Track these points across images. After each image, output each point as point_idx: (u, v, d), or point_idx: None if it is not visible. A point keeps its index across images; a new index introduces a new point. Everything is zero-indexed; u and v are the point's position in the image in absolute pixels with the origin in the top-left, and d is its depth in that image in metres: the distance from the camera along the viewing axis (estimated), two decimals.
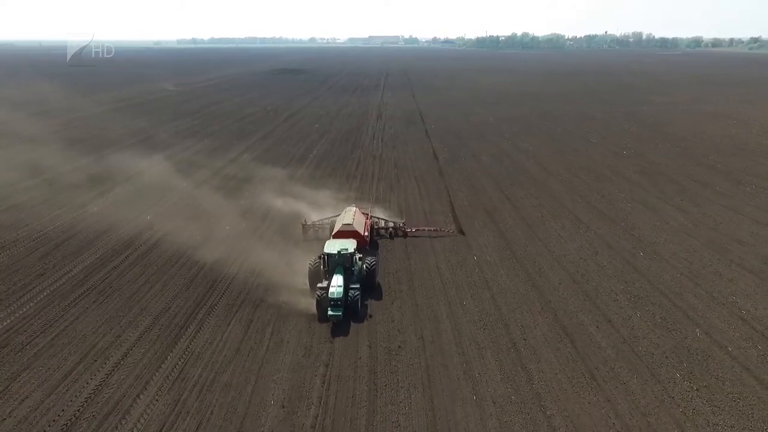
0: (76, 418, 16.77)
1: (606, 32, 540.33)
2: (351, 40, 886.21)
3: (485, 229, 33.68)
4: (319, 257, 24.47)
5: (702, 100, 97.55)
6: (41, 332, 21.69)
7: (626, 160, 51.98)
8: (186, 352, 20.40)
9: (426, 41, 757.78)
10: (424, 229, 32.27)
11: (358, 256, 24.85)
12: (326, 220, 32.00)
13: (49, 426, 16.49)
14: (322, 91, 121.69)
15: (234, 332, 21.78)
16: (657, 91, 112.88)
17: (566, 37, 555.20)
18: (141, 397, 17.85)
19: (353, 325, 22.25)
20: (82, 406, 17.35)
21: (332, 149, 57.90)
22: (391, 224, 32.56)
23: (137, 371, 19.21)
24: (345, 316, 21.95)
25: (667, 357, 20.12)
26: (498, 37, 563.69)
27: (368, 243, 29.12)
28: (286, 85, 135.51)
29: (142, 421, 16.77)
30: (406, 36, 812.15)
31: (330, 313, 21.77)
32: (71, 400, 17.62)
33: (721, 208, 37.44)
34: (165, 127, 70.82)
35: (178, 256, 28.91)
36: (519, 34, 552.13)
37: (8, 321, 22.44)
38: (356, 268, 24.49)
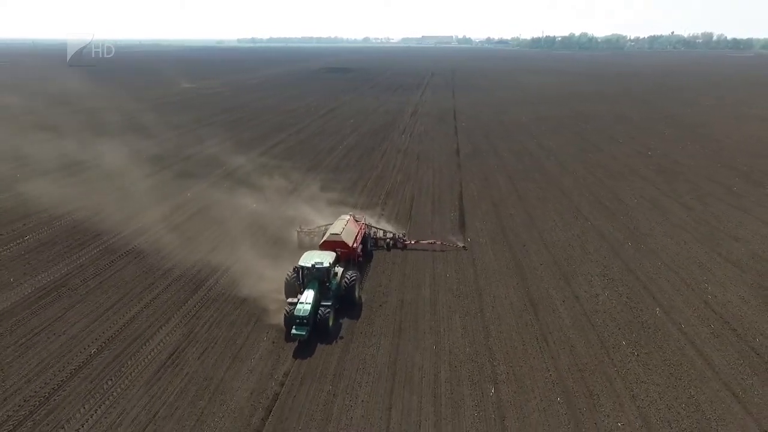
0: (111, 340, 21.06)
1: (672, 33, 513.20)
2: (404, 40, 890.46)
3: (486, 217, 36.06)
4: (295, 269, 22.90)
5: (752, 103, 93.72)
6: (93, 277, 26.48)
7: (647, 160, 52.32)
8: (204, 299, 24.45)
9: (479, 41, 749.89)
10: (424, 242, 30.32)
11: (336, 270, 23.29)
12: (321, 228, 30.29)
13: (92, 343, 20.82)
14: (364, 89, 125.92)
15: None
16: (708, 93, 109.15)
17: (628, 38, 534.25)
18: (162, 328, 21.96)
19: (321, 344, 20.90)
20: (117, 332, 21.65)
21: (361, 142, 61.51)
22: (390, 235, 30.83)
23: (162, 310, 23.42)
24: (314, 335, 20.75)
25: (619, 329, 22.12)
26: (555, 37, 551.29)
27: (358, 254, 27.21)
28: (332, 83, 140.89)
29: (160, 345, 20.83)
30: (460, 36, 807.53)
31: (293, 332, 20.28)
32: (109, 327, 21.99)
33: (729, 207, 37.87)
34: (212, 119, 77.12)
35: (209, 221, 33.43)
36: (577, 34, 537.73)
37: (68, 268, 27.42)
38: (333, 283, 22.71)
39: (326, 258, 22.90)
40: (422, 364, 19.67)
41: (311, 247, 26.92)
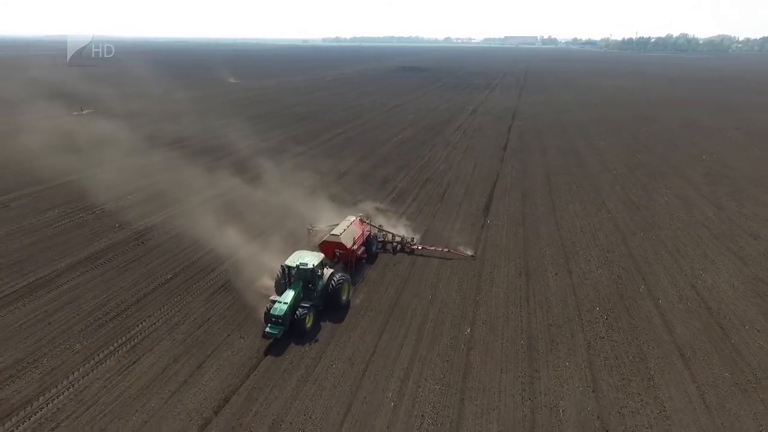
0: (182, 270, 27.22)
1: None
2: (486, 40, 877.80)
3: (511, 203, 39.11)
4: (282, 268, 22.76)
5: None
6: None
7: (699, 163, 51.91)
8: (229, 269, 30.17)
9: (565, 42, 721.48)
10: (432, 248, 29.54)
11: (323, 271, 23.07)
12: (329, 227, 29.02)
13: (169, 271, 27.11)
14: (433, 87, 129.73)
15: None
16: None
17: (737, 40, 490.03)
18: (219, 267, 27.83)
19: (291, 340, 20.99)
20: (188, 265, 27.83)
21: (415, 136, 65.82)
22: (398, 239, 30.28)
23: (223, 255, 29.39)
24: (289, 334, 20.89)
25: (598, 298, 24.87)
26: (649, 38, 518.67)
27: (359, 256, 27.24)
28: (403, 81, 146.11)
29: (216, 278, 26.69)
30: (545, 36, 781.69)
31: (266, 330, 20.55)
32: (182, 262, 28.27)
33: (764, 209, 37.90)
34: (286, 111, 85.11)
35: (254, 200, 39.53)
36: (675, 35, 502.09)
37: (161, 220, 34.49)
38: (319, 284, 22.70)
39: (312, 259, 22.62)
40: (416, 308, 23.91)
41: None
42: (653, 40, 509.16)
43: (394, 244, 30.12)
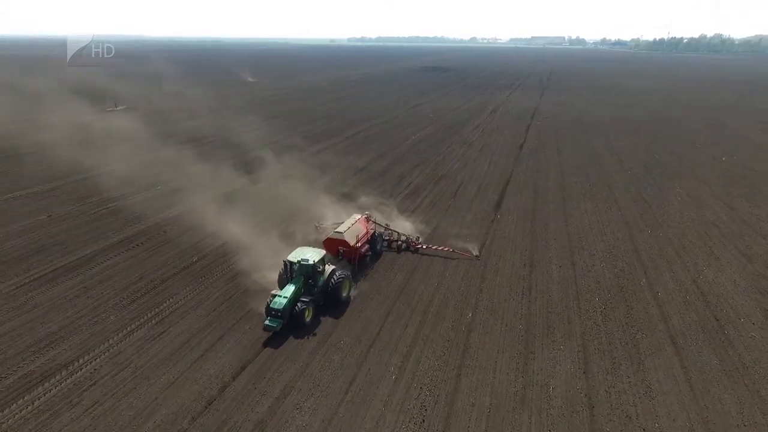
0: (206, 255, 29.29)
1: None
2: (513, 40, 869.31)
3: (523, 200, 40.09)
4: (284, 263, 23.38)
5: None
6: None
7: (717, 165, 51.78)
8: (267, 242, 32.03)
9: (593, 43, 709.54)
10: (437, 248, 29.79)
11: (324, 268, 23.51)
12: (336, 224, 29.50)
13: (195, 255, 29.18)
14: (455, 87, 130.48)
15: None
16: None
17: None
18: (237, 255, 29.77)
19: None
20: (213, 250, 29.88)
21: (434, 134, 67.07)
22: (403, 238, 30.59)
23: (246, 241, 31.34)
24: (288, 327, 21.42)
25: (599, 290, 25.83)
26: (681, 38, 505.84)
27: (362, 253, 27.48)
28: (426, 81, 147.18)
29: (232, 265, 28.61)
30: (573, 37, 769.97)
31: (265, 323, 21.11)
32: (206, 247, 30.34)
33: None
34: (307, 109, 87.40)
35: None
36: (710, 35, 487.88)
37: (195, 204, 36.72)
38: (320, 280, 23.22)
39: (313, 255, 23.10)
40: (422, 294, 25.35)
41: None
42: (686, 40, 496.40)
43: (399, 242, 30.45)
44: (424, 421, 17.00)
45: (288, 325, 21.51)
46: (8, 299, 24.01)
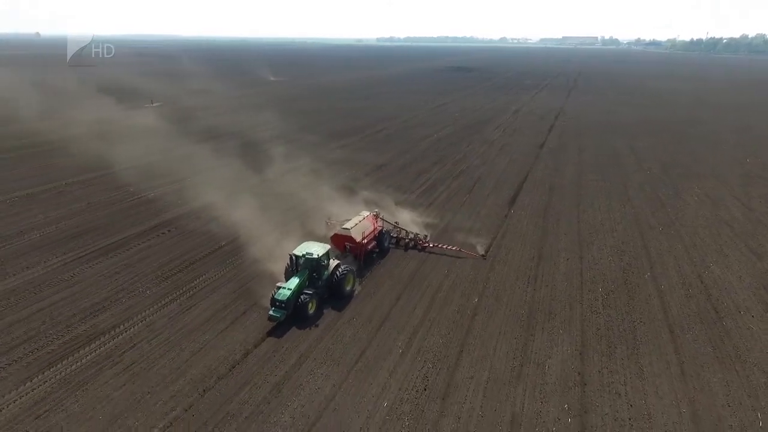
0: (227, 242, 31.47)
1: None
2: (543, 40, 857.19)
3: (537, 196, 41.07)
4: (290, 257, 24.40)
5: None
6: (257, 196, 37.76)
7: (739, 166, 51.46)
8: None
9: (627, 43, 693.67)
10: (444, 247, 30.22)
11: (328, 262, 24.38)
12: (346, 221, 29.74)
13: (221, 239, 31.41)
14: (480, 87, 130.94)
15: None
16: None
17: None
18: (255, 244, 31.84)
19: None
20: (233, 239, 32.07)
21: (455, 133, 68.26)
22: (411, 236, 31.06)
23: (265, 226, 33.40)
24: (291, 319, 22.26)
25: (604, 282, 26.80)
26: (720, 39, 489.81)
27: (368, 250, 28.34)
28: (452, 80, 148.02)
29: (247, 260, 30.66)
30: (606, 37, 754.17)
31: (270, 313, 22.02)
32: (227, 235, 32.55)
33: None
34: (332, 108, 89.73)
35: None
36: (751, 35, 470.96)
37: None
38: (324, 273, 24.07)
39: (318, 249, 24.04)
40: (432, 280, 26.87)
41: None
42: (725, 40, 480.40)
43: (407, 240, 30.95)
44: (425, 389, 18.56)
45: (292, 317, 22.45)
46: (57, 274, 26.66)
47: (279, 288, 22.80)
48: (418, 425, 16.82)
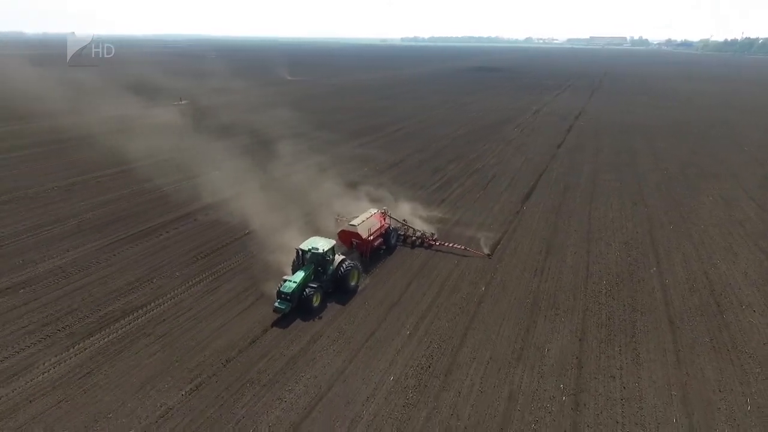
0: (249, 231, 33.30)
1: None
2: (570, 41, 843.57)
3: (551, 194, 41.83)
4: (296, 251, 25.03)
5: None
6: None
7: (760, 168, 51.14)
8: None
9: (657, 43, 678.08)
10: (451, 245, 30.75)
11: (333, 257, 25.11)
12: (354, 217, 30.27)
13: (246, 227, 33.26)
14: (502, 87, 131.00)
15: None
16: None
17: None
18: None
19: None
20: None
21: (473, 132, 69.14)
22: (418, 233, 31.65)
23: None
24: (297, 311, 23.00)
25: (609, 275, 27.64)
26: (757, 39, 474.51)
27: (375, 246, 28.85)
28: (474, 81, 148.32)
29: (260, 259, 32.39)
30: (635, 37, 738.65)
31: (275, 305, 22.80)
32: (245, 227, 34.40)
33: None
34: (354, 107, 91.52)
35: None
36: None
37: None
38: (329, 268, 24.76)
39: (324, 244, 24.72)
40: (442, 269, 28.16)
41: None
42: (761, 41, 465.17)
43: (414, 238, 31.39)
44: (430, 366, 19.91)
45: (296, 309, 23.17)
46: (95, 255, 28.93)
47: (285, 281, 23.53)
48: (421, 397, 18.19)
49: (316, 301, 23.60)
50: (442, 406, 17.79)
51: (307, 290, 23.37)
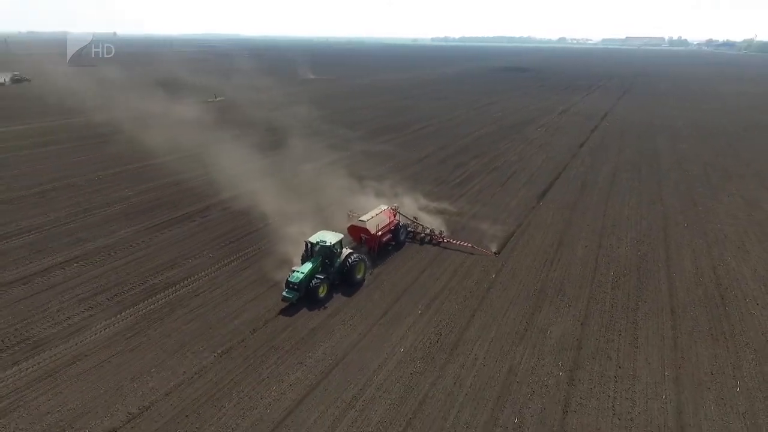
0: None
1: None
2: (605, 41, 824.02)
3: (568, 192, 42.73)
4: (305, 244, 26.06)
5: None
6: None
7: None
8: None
9: (697, 43, 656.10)
10: (459, 243, 31.25)
11: (341, 250, 26.08)
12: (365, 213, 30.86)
13: (264, 220, 35.58)
14: (531, 88, 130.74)
15: None
16: None
17: None
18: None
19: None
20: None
21: (497, 131, 70.10)
22: (428, 230, 32.20)
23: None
24: (303, 300, 24.07)
25: (618, 267, 28.65)
26: None
27: (383, 242, 29.63)
28: (502, 80, 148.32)
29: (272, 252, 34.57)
30: (674, 37, 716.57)
31: (283, 294, 23.85)
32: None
33: None
34: (381, 105, 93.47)
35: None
36: None
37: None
38: (336, 261, 25.71)
39: (331, 238, 25.76)
40: (455, 258, 29.77)
41: None
42: None
43: (423, 235, 31.99)
44: (438, 341, 21.62)
45: (304, 299, 24.23)
46: (135, 237, 31.75)
47: (293, 271, 24.60)
48: (428, 367, 19.93)
49: (322, 292, 24.57)
50: (446, 375, 19.49)
51: (314, 281, 24.40)
